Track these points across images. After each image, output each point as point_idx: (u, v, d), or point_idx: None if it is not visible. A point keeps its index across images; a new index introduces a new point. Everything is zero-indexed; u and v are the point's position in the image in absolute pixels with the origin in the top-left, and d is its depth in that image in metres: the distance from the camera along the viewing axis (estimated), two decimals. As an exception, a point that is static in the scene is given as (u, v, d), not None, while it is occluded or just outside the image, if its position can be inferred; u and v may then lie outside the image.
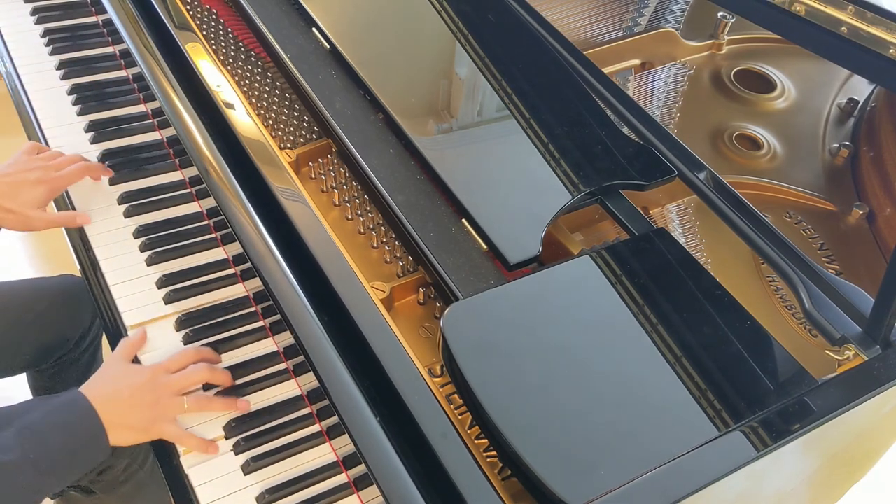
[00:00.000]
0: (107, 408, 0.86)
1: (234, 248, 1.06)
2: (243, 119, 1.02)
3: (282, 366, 0.97)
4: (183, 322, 1.00)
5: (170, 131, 1.20)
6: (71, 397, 0.86)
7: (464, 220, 0.88)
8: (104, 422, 0.85)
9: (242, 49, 1.18)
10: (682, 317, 0.79)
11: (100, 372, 0.91)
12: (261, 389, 0.95)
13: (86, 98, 1.26)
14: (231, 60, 1.15)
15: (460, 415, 0.77)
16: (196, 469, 0.88)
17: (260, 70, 1.15)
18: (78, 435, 0.85)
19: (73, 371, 1.34)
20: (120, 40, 1.25)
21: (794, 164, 1.15)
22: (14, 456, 0.80)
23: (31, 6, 1.41)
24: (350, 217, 1.00)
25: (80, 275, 1.10)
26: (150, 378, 0.89)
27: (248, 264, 0.93)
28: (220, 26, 1.21)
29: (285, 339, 0.97)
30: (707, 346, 0.77)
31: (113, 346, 1.00)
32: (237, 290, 1.04)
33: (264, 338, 1.00)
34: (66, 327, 1.27)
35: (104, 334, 1.06)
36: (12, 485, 0.80)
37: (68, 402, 0.86)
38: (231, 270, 1.06)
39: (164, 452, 0.91)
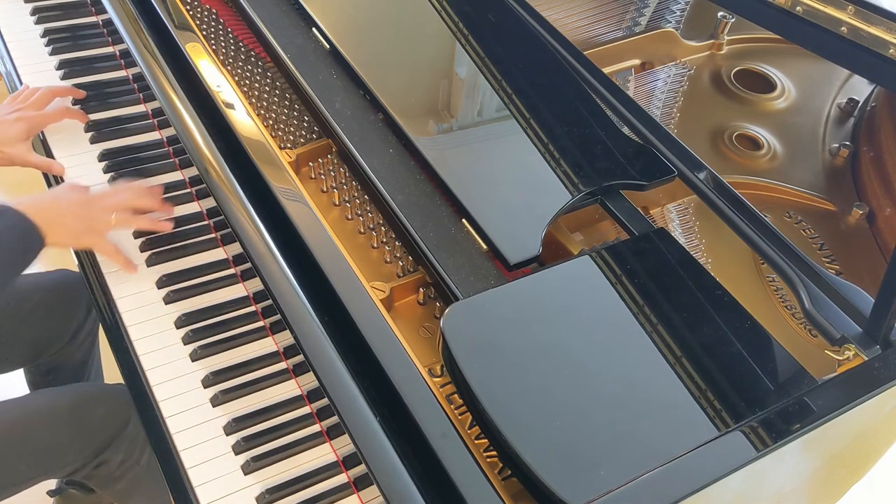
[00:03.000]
0: (39, 209, 0.96)
1: (234, 248, 1.06)
2: (243, 119, 1.02)
3: (282, 366, 0.97)
4: (183, 322, 1.00)
5: (170, 131, 1.20)
6: (4, 209, 0.95)
7: (464, 220, 0.88)
8: (37, 220, 0.95)
9: (242, 49, 1.18)
10: (682, 317, 0.79)
11: (44, 192, 1.03)
12: (261, 389, 0.95)
13: (86, 98, 1.26)
14: (231, 60, 1.15)
15: (460, 415, 0.77)
16: (196, 469, 0.88)
17: (260, 70, 1.15)
18: (9, 235, 0.94)
19: (70, 365, 1.34)
20: (120, 40, 1.25)
21: (794, 164, 1.15)
22: None
23: (31, 6, 1.41)
24: (350, 217, 1.00)
25: (77, 270, 1.10)
26: (87, 196, 1.02)
27: (248, 264, 0.93)
28: (220, 26, 1.21)
29: (285, 339, 0.97)
30: (707, 346, 0.77)
31: (113, 346, 1.00)
32: (237, 290, 1.04)
33: (264, 338, 1.00)
34: (61, 321, 1.27)
35: (101, 329, 1.06)
36: None
37: (2, 214, 0.94)
38: (231, 270, 1.06)
39: (163, 451, 0.91)
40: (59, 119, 1.19)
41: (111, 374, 1.34)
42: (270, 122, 1.07)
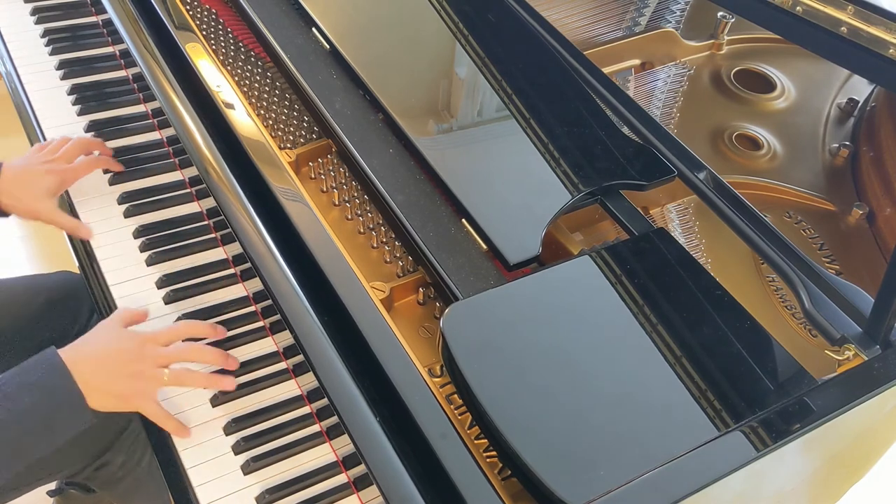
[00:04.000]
0: (84, 368, 0.83)
1: (234, 248, 1.06)
2: (243, 119, 1.02)
3: (282, 366, 0.97)
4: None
5: (170, 131, 1.20)
6: (43, 355, 0.84)
7: (464, 221, 0.88)
8: (80, 382, 0.82)
9: (242, 49, 1.18)
10: (682, 317, 0.79)
11: (90, 332, 0.89)
12: (261, 389, 0.95)
13: (86, 98, 1.26)
14: (231, 60, 1.15)
15: (460, 415, 0.77)
16: (196, 469, 0.88)
17: (260, 70, 1.15)
18: (51, 394, 0.81)
19: None
20: (120, 40, 1.25)
21: (794, 164, 1.15)
22: None
23: (31, 6, 1.41)
24: (350, 217, 1.00)
25: (78, 272, 1.10)
26: (137, 346, 0.87)
27: (248, 264, 0.93)
28: (220, 26, 1.21)
29: (285, 339, 0.97)
30: (707, 346, 0.77)
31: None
32: (237, 290, 1.04)
33: (264, 338, 1.00)
34: (63, 323, 1.27)
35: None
36: None
37: (39, 360, 0.83)
38: (231, 270, 1.06)
39: (163, 451, 0.91)
40: (90, 171, 1.12)
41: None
42: (270, 122, 1.07)
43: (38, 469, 1.08)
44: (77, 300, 1.27)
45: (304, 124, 1.08)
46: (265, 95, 1.11)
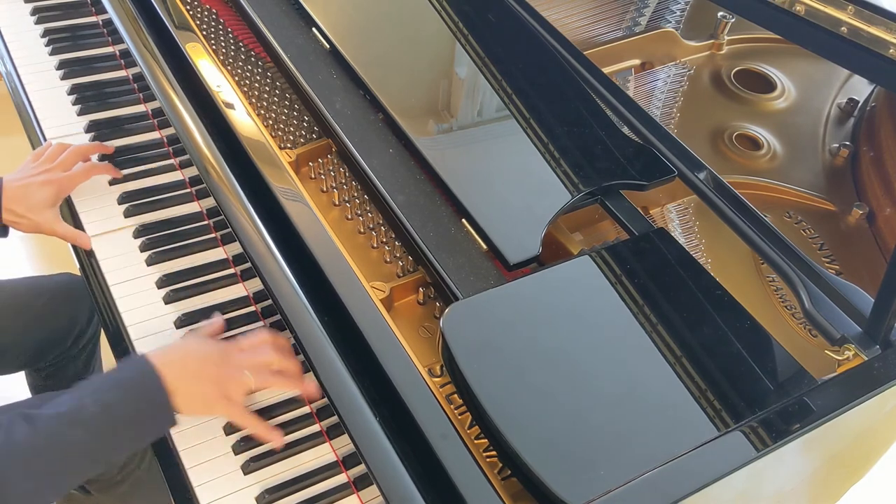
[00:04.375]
0: (171, 371, 0.82)
1: (234, 248, 1.06)
2: (243, 119, 1.02)
3: (282, 366, 0.97)
4: (183, 322, 1.00)
5: (170, 131, 1.20)
6: (132, 358, 0.84)
7: (464, 220, 0.88)
8: (167, 384, 0.81)
9: (242, 49, 1.18)
10: (682, 317, 0.79)
11: (173, 343, 0.89)
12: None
13: (86, 98, 1.26)
14: (231, 60, 1.15)
15: (460, 415, 0.77)
16: (196, 469, 0.88)
17: (260, 70, 1.15)
18: (139, 392, 0.81)
19: (71, 369, 1.34)
20: (120, 40, 1.25)
21: (794, 164, 1.15)
22: (67, 409, 0.77)
23: (31, 6, 1.41)
24: (350, 217, 1.00)
25: (79, 274, 1.10)
26: (221, 351, 0.87)
27: (248, 264, 0.93)
28: (220, 26, 1.21)
29: (285, 339, 0.97)
30: (707, 346, 0.77)
31: (113, 346, 1.00)
32: (237, 290, 1.04)
33: (264, 338, 1.00)
34: (63, 324, 1.27)
35: (103, 332, 1.06)
36: (65, 441, 0.76)
37: (130, 361, 0.84)
38: (231, 270, 1.06)
39: (163, 452, 0.91)
40: (88, 178, 1.10)
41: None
42: (270, 122, 1.07)
43: None
44: (78, 301, 1.27)
45: (304, 124, 1.08)
46: (265, 95, 1.11)
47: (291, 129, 1.07)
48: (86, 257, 1.08)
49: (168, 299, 1.03)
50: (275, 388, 0.91)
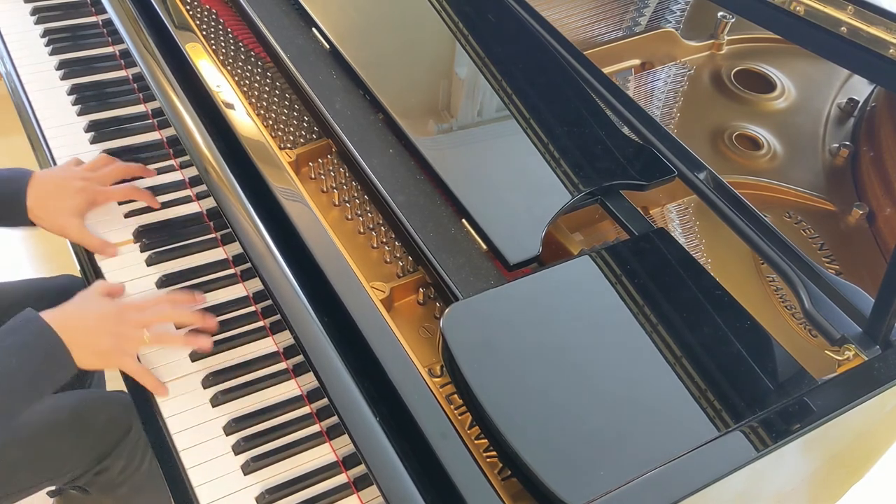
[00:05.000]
0: (67, 326, 0.88)
1: (234, 248, 1.06)
2: (243, 119, 1.02)
3: (282, 366, 0.97)
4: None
5: (170, 131, 1.20)
6: (23, 318, 0.88)
7: (464, 221, 0.88)
8: (65, 340, 0.87)
9: (242, 49, 1.18)
10: (682, 317, 0.79)
11: (70, 301, 0.94)
12: (261, 389, 0.95)
13: (86, 98, 1.26)
14: (231, 60, 1.15)
15: (460, 415, 0.77)
16: (196, 469, 0.88)
17: (260, 70, 1.15)
18: (39, 354, 0.87)
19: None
20: (120, 40, 1.25)
21: (794, 164, 1.15)
22: None
23: (31, 6, 1.41)
24: (350, 217, 1.00)
25: (79, 276, 1.10)
26: (116, 310, 0.93)
27: (248, 264, 0.93)
28: (220, 26, 1.21)
29: (285, 339, 0.97)
30: (707, 346, 0.77)
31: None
32: (237, 290, 1.04)
33: (264, 338, 1.00)
34: None
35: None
36: None
37: (21, 323, 0.88)
38: (231, 270, 1.06)
39: (163, 452, 0.91)
40: (125, 199, 1.11)
41: (114, 379, 1.34)
42: (270, 122, 1.07)
43: (38, 473, 1.08)
44: None
45: (304, 124, 1.08)
46: (265, 95, 1.11)
47: (291, 129, 1.07)
48: (86, 259, 1.08)
49: (168, 299, 1.02)
50: (175, 345, 0.96)
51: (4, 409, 0.85)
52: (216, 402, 0.94)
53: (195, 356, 0.97)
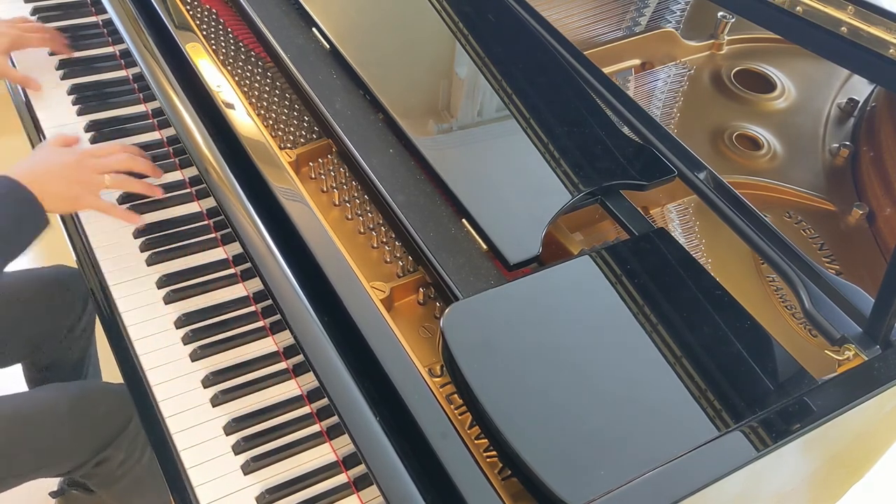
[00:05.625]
0: (34, 178, 0.96)
1: (234, 248, 1.06)
2: (243, 119, 1.02)
3: (282, 366, 0.97)
4: (183, 322, 1.00)
5: (170, 131, 1.20)
6: None
7: (464, 220, 0.88)
8: (34, 191, 0.95)
9: (242, 49, 1.18)
10: (682, 317, 0.79)
11: (29, 155, 1.01)
12: (261, 389, 0.95)
13: (86, 98, 1.26)
14: (231, 60, 1.15)
15: (460, 415, 0.77)
16: (196, 469, 0.88)
17: (260, 70, 1.15)
18: (11, 210, 0.94)
19: (67, 361, 1.34)
20: (120, 40, 1.25)
21: (794, 164, 1.15)
22: None
23: (31, 6, 1.41)
24: (350, 217, 1.00)
25: (72, 265, 1.10)
26: (77, 159, 1.01)
27: (248, 264, 0.93)
28: (220, 26, 1.21)
29: (285, 339, 0.97)
30: (707, 346, 0.77)
31: (111, 343, 1.00)
32: (237, 290, 1.04)
33: (264, 338, 1.00)
34: (57, 316, 1.27)
35: (98, 324, 1.06)
36: None
37: None
38: (231, 270, 1.06)
39: (163, 451, 0.91)
40: (41, 40, 1.24)
41: (110, 373, 1.34)
42: (270, 122, 1.07)
43: (36, 461, 1.08)
44: (71, 292, 1.27)
45: (305, 124, 1.08)
46: (265, 95, 1.11)
47: (291, 129, 1.07)
48: (84, 255, 1.08)
49: (168, 299, 1.03)
50: (132, 189, 1.07)
51: None
52: (216, 401, 0.94)
53: (195, 356, 0.97)
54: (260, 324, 1.01)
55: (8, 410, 1.08)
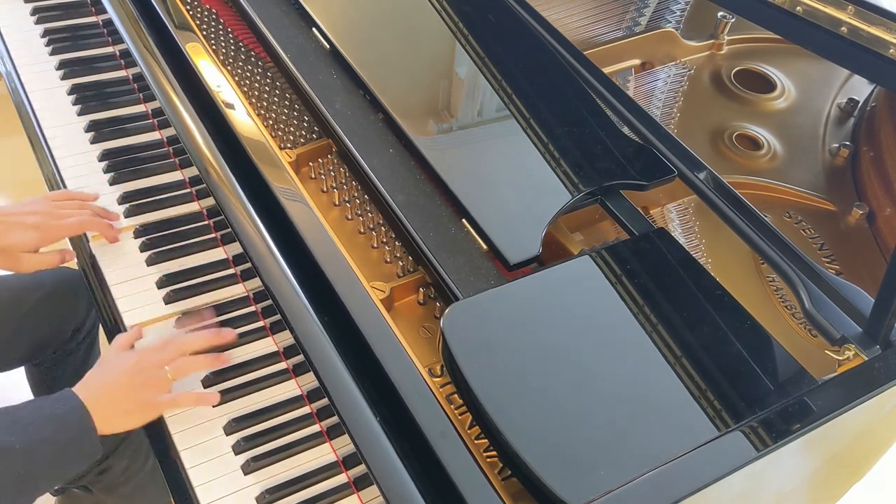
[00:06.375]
0: (99, 400, 0.87)
1: (234, 248, 1.06)
2: (243, 119, 1.02)
3: (282, 366, 0.97)
4: (183, 322, 1.00)
5: (170, 131, 1.20)
6: (61, 393, 0.88)
7: (464, 220, 0.88)
8: (96, 416, 0.86)
9: (242, 49, 1.18)
10: (682, 317, 0.79)
11: (94, 367, 0.93)
12: (261, 389, 0.95)
13: (86, 98, 1.26)
14: (231, 60, 1.15)
15: (460, 415, 0.77)
16: (196, 469, 0.88)
17: (260, 70, 1.15)
18: (66, 427, 0.85)
19: (71, 364, 1.34)
20: (120, 40, 1.25)
21: (794, 164, 1.15)
22: None
23: (31, 6, 1.41)
24: (350, 217, 1.00)
25: (75, 269, 1.10)
26: (136, 360, 0.91)
27: (248, 264, 0.93)
28: (220, 26, 1.21)
29: (285, 339, 0.97)
30: (707, 346, 0.77)
31: (111, 341, 1.00)
32: (237, 290, 1.04)
33: (264, 338, 1.00)
34: (61, 319, 1.27)
35: (101, 327, 1.05)
36: None
37: (58, 397, 0.87)
38: (231, 270, 1.06)
39: (163, 451, 0.91)
40: (80, 231, 1.06)
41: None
42: (270, 122, 1.07)
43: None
44: (75, 296, 1.27)
45: (305, 124, 1.08)
46: (265, 95, 1.11)
47: (291, 129, 1.07)
48: (85, 256, 1.08)
49: (168, 299, 1.02)
50: (199, 369, 0.94)
51: (26, 478, 0.83)
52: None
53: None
54: (260, 324, 1.01)
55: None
